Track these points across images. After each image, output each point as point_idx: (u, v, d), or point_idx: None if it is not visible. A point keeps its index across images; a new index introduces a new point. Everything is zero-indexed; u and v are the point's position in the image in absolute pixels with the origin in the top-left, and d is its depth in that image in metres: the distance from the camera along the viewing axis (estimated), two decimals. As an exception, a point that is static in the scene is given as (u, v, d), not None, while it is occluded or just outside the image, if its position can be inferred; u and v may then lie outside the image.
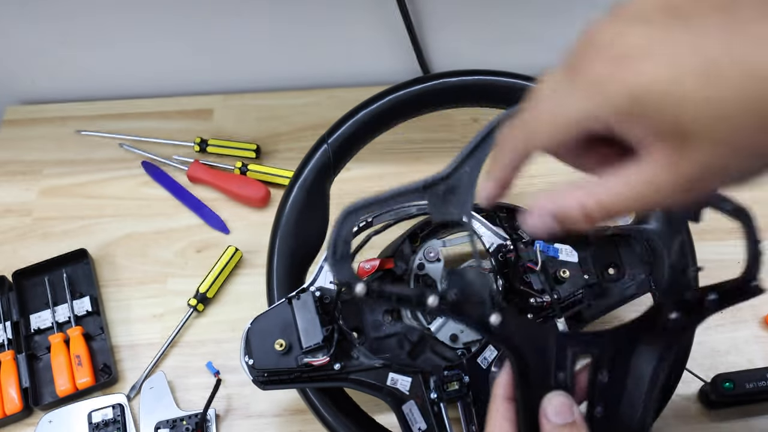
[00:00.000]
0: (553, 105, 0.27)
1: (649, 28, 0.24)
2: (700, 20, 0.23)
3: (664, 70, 0.23)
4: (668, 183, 0.25)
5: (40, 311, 0.71)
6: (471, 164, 0.36)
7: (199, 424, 0.63)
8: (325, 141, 0.58)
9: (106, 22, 0.82)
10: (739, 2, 0.23)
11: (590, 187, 0.28)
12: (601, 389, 0.37)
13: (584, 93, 0.26)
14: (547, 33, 0.87)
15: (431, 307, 0.34)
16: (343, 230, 0.35)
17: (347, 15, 0.82)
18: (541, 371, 0.36)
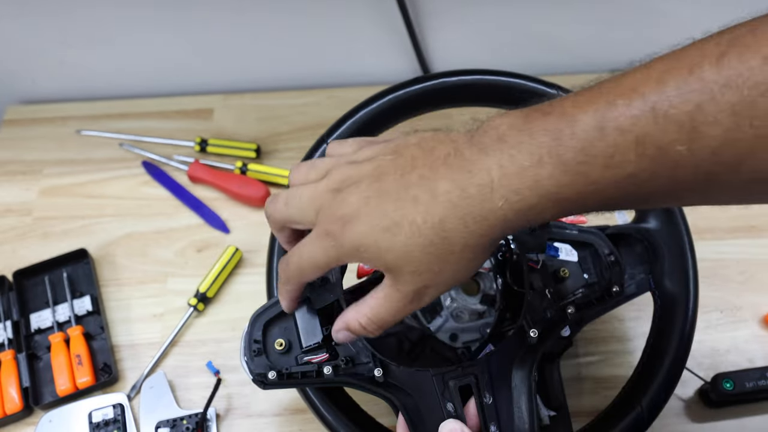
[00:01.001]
0: (309, 252, 0.38)
1: (359, 196, 0.35)
2: (389, 189, 0.35)
3: (366, 229, 0.34)
4: (398, 298, 0.36)
5: (41, 311, 0.71)
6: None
7: (200, 424, 0.63)
8: (324, 141, 0.58)
9: (106, 22, 0.82)
10: (408, 177, 0.34)
11: (360, 307, 0.38)
12: (490, 410, 0.43)
13: (326, 243, 0.36)
14: (546, 32, 0.87)
15: (328, 377, 0.44)
16: (253, 332, 0.45)
17: (347, 15, 0.82)
18: (430, 407, 0.42)
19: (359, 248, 0.35)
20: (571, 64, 0.92)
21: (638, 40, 0.90)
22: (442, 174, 0.33)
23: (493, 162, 0.32)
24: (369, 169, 0.36)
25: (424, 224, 0.33)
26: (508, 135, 0.32)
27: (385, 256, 0.34)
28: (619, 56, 0.98)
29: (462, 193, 0.32)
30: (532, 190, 0.31)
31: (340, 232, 0.35)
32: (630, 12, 0.85)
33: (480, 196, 0.32)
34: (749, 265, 0.73)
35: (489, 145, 0.33)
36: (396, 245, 0.34)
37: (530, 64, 0.91)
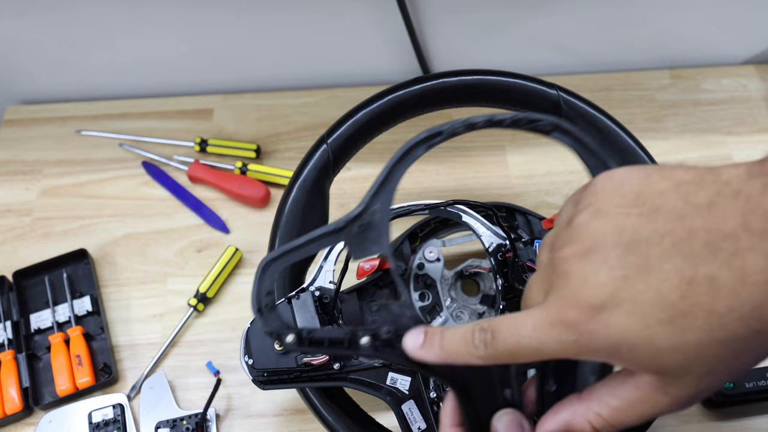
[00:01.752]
0: (535, 337, 0.29)
1: (609, 270, 0.27)
2: (656, 262, 0.26)
3: (634, 322, 0.26)
4: (664, 404, 0.28)
5: (40, 311, 0.71)
6: (381, 200, 0.37)
7: (200, 424, 0.63)
8: (324, 141, 0.58)
9: (106, 22, 0.82)
10: (692, 241, 0.25)
11: (593, 405, 0.30)
12: (551, 399, 0.37)
13: (562, 335, 0.28)
14: (547, 32, 0.87)
15: (364, 347, 0.35)
16: (264, 283, 0.36)
17: (347, 15, 0.82)
18: (485, 392, 0.36)
19: (620, 347, 0.27)
20: (571, 64, 0.92)
21: (638, 40, 0.90)
22: (743, 242, 0.24)
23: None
24: (608, 230, 0.27)
25: (729, 314, 0.24)
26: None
27: (664, 357, 0.26)
28: (619, 56, 0.99)
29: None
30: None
31: (587, 323, 0.27)
32: (630, 12, 0.85)
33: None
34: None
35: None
36: (685, 344, 0.25)
37: (530, 65, 0.91)
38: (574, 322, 0.27)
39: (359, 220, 0.36)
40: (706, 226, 0.25)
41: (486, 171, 0.82)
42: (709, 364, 0.26)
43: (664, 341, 0.26)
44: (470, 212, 0.57)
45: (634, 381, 0.29)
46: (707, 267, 0.25)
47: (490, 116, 0.36)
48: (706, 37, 0.89)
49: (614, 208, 0.28)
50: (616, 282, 0.26)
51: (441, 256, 0.61)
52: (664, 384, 0.28)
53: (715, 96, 0.89)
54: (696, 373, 0.26)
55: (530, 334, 0.29)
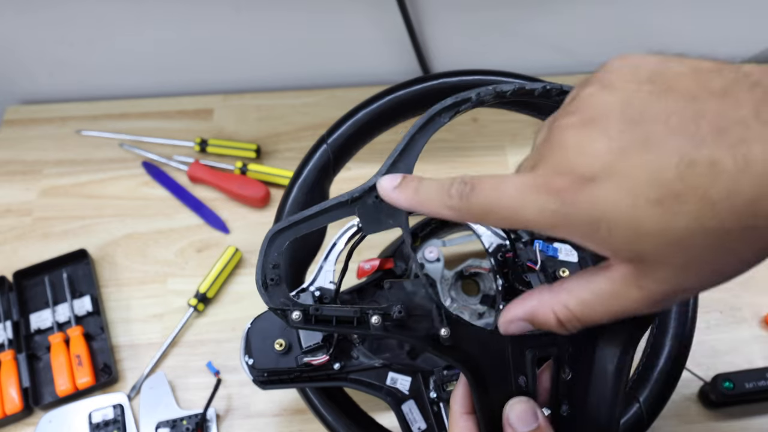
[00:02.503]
0: (514, 198, 0.27)
1: (608, 141, 0.25)
2: (658, 138, 0.24)
3: (621, 196, 0.24)
4: (635, 299, 0.26)
5: (41, 311, 0.71)
6: (400, 170, 0.34)
7: (200, 424, 0.63)
8: (324, 141, 0.58)
9: (106, 22, 0.82)
10: (699, 123, 0.23)
11: (561, 296, 0.29)
12: (565, 387, 0.35)
13: (544, 201, 0.26)
14: (547, 32, 0.87)
15: (375, 326, 0.32)
16: (270, 254, 0.33)
17: (347, 15, 0.82)
18: (499, 378, 0.34)
19: (599, 224, 0.25)
20: (571, 64, 0.92)
21: (638, 40, 0.90)
22: (753, 131, 0.22)
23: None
24: (616, 101, 0.26)
25: (723, 202, 0.23)
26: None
27: (645, 241, 0.24)
28: (619, 56, 0.98)
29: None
30: None
31: (574, 192, 0.25)
32: (630, 12, 0.85)
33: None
34: (749, 266, 0.73)
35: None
36: (671, 228, 0.23)
37: (530, 65, 0.91)
38: (560, 189, 0.25)
39: (375, 190, 0.33)
40: (716, 109, 0.23)
41: (486, 171, 0.82)
42: (690, 255, 0.24)
43: (648, 222, 0.24)
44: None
45: (606, 273, 0.27)
46: (710, 150, 0.23)
47: (521, 84, 0.34)
48: (706, 37, 0.89)
49: (624, 83, 0.26)
50: (613, 154, 0.24)
51: (441, 256, 0.61)
52: (639, 275, 0.26)
53: (715, 96, 0.89)
54: (675, 264, 0.25)
55: (511, 194, 0.27)
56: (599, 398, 0.34)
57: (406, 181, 0.32)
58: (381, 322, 0.32)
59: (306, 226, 0.34)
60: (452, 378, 0.53)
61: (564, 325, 0.29)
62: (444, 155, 0.83)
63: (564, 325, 0.29)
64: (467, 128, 0.86)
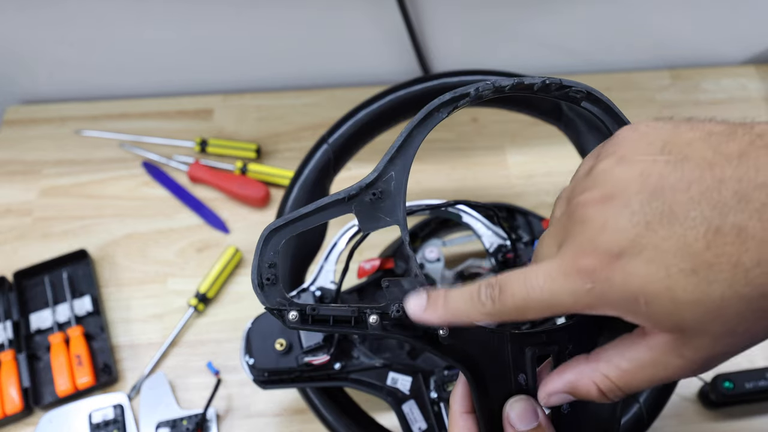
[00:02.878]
0: (547, 288, 0.27)
1: (631, 216, 0.25)
2: (682, 209, 0.24)
3: (654, 270, 0.24)
4: (677, 367, 0.26)
5: (41, 311, 0.71)
6: (398, 167, 0.34)
7: (200, 424, 0.63)
8: (325, 141, 0.58)
9: (106, 22, 0.82)
10: (721, 190, 0.24)
11: (601, 366, 0.28)
12: None
13: (577, 284, 0.26)
14: (547, 32, 0.87)
15: (373, 326, 0.32)
16: (266, 253, 0.33)
17: (347, 15, 0.82)
18: (498, 377, 0.34)
19: (637, 298, 0.25)
20: (571, 64, 0.92)
21: (638, 40, 0.90)
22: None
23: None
24: (634, 174, 0.26)
25: (756, 268, 0.23)
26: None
27: (683, 311, 0.24)
28: (619, 56, 0.99)
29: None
30: None
31: (605, 271, 0.25)
32: (630, 12, 0.85)
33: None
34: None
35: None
36: (707, 297, 0.24)
37: (530, 65, 0.91)
38: (591, 270, 0.25)
39: (372, 187, 0.33)
40: (736, 175, 0.24)
41: (486, 171, 0.82)
42: (730, 323, 0.24)
43: (685, 293, 0.24)
44: (471, 212, 0.57)
45: (646, 341, 0.27)
46: (736, 217, 0.23)
47: (520, 79, 0.34)
48: (706, 37, 0.89)
49: (639, 155, 0.26)
50: (638, 228, 0.25)
51: (441, 256, 0.61)
52: (680, 344, 0.26)
53: (715, 96, 0.89)
54: (714, 332, 0.25)
55: (541, 286, 0.27)
56: None
57: (432, 299, 0.31)
58: (379, 322, 0.32)
59: (302, 224, 0.33)
60: (453, 378, 0.53)
61: (606, 395, 0.29)
62: (444, 155, 0.83)
63: (606, 395, 0.29)
64: (467, 128, 0.86)
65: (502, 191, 0.80)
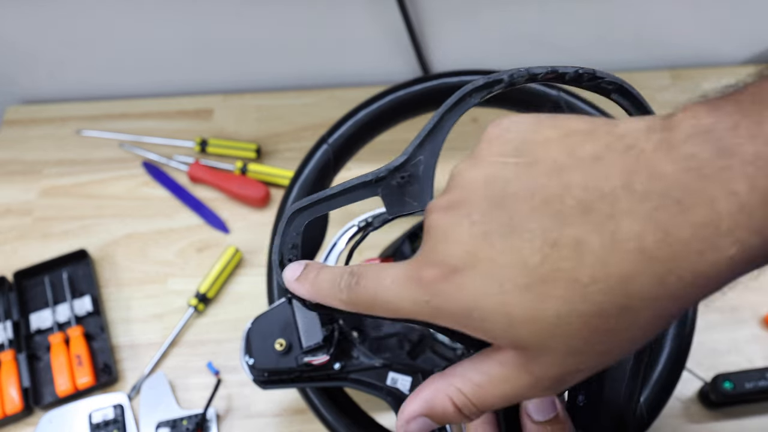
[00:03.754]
0: (388, 289, 0.26)
1: (470, 227, 0.23)
2: (520, 219, 0.23)
3: (487, 284, 0.23)
4: (528, 384, 0.25)
5: (41, 311, 0.71)
6: (427, 151, 0.33)
7: (200, 424, 0.63)
8: (325, 141, 0.58)
9: (106, 22, 0.82)
10: (564, 198, 0.22)
11: (455, 380, 0.27)
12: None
13: (416, 294, 0.25)
14: (547, 32, 0.87)
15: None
16: (288, 233, 0.32)
17: (347, 15, 0.82)
18: None
19: (471, 313, 0.23)
20: (571, 64, 0.92)
21: (638, 40, 0.90)
22: (622, 204, 0.21)
23: (717, 188, 0.20)
24: (479, 178, 0.25)
25: (593, 284, 0.21)
26: (734, 143, 0.20)
27: (519, 329, 0.23)
28: (619, 56, 0.99)
29: (665, 238, 0.20)
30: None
31: (441, 283, 0.24)
32: (630, 12, 0.85)
33: (698, 242, 0.20)
34: (749, 266, 0.73)
35: (704, 160, 0.20)
36: (542, 314, 0.22)
37: (530, 65, 0.91)
38: (429, 282, 0.24)
39: (400, 171, 0.32)
40: (583, 182, 0.22)
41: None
42: (570, 342, 0.22)
43: (519, 310, 0.22)
44: None
45: (497, 356, 0.25)
46: (575, 229, 0.21)
47: (554, 67, 0.33)
48: (706, 37, 0.89)
49: (491, 156, 0.25)
50: (476, 240, 0.23)
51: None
52: (526, 361, 0.24)
53: (715, 96, 0.89)
54: (556, 350, 0.23)
55: (388, 286, 0.26)
56: (617, 387, 0.33)
57: (306, 272, 0.30)
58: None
59: (327, 206, 0.32)
60: None
61: (461, 411, 0.27)
62: (444, 155, 0.82)
63: (461, 410, 0.26)
64: (467, 128, 0.85)
65: (502, 191, 0.80)
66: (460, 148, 0.96)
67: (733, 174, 0.20)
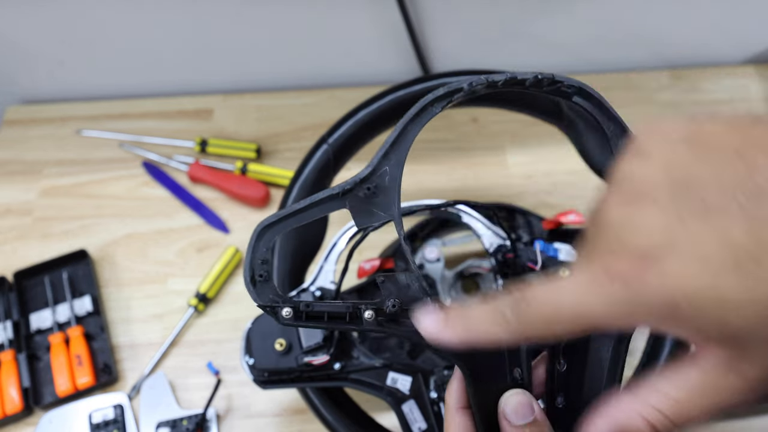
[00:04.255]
0: (574, 297, 0.24)
1: (660, 212, 0.23)
2: (714, 200, 0.22)
3: (694, 268, 0.21)
4: (736, 388, 0.23)
5: (41, 311, 0.71)
6: (392, 161, 0.33)
7: (200, 424, 0.63)
8: (325, 141, 0.58)
9: (106, 22, 0.82)
10: (754, 177, 0.21)
11: (650, 398, 0.25)
12: (560, 379, 0.34)
13: (608, 290, 0.23)
14: (547, 32, 0.87)
15: (368, 321, 0.31)
16: (258, 250, 0.32)
17: (347, 15, 0.82)
18: (494, 371, 0.33)
19: (679, 303, 0.22)
20: (572, 64, 0.92)
21: (638, 40, 0.90)
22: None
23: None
24: (657, 168, 0.24)
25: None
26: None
27: (733, 314, 0.21)
28: (619, 56, 0.99)
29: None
30: None
31: (640, 275, 0.22)
32: (630, 13, 0.85)
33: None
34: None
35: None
36: (756, 295, 0.21)
37: (530, 65, 0.91)
38: (623, 275, 0.23)
39: (366, 182, 0.33)
40: (763, 161, 0.21)
41: (486, 171, 0.82)
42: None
43: (732, 291, 0.21)
44: (471, 212, 0.57)
45: (697, 364, 0.23)
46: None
47: (513, 74, 0.33)
48: (706, 37, 0.89)
49: (660, 148, 0.24)
50: (671, 224, 0.22)
51: (441, 256, 0.61)
52: (736, 359, 0.22)
53: (715, 96, 0.89)
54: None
55: (571, 297, 0.24)
56: (595, 389, 0.33)
57: (450, 317, 0.28)
58: (374, 317, 0.32)
59: (295, 220, 0.33)
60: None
61: (664, 428, 0.25)
62: (444, 155, 0.83)
63: (658, 430, 0.25)
64: (467, 128, 0.86)
65: (502, 191, 0.80)
66: (462, 149, 0.96)
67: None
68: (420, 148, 0.87)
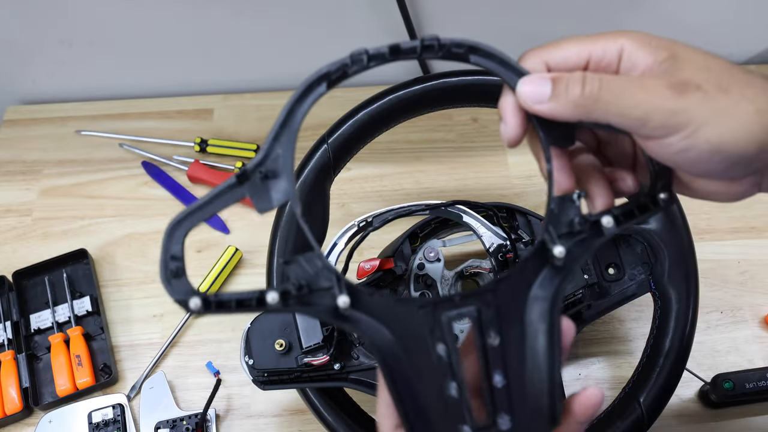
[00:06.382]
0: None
1: (708, 81, 0.34)
2: (730, 84, 0.34)
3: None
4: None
5: (40, 311, 0.71)
6: (283, 144, 0.35)
7: (199, 424, 0.63)
8: (325, 141, 0.58)
9: (106, 22, 0.82)
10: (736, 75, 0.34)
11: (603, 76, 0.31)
12: (495, 354, 0.32)
13: (679, 99, 0.32)
14: (547, 32, 0.87)
15: (273, 305, 0.31)
16: (170, 246, 0.33)
17: (347, 15, 0.82)
18: (414, 349, 0.32)
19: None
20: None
21: (638, 40, 0.90)
22: (749, 89, 0.34)
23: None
24: (699, 59, 0.37)
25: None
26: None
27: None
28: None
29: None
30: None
31: (715, 90, 0.33)
32: (629, 13, 0.84)
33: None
34: (749, 266, 0.73)
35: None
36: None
37: (530, 65, 0.90)
38: (696, 84, 0.32)
39: (260, 167, 0.34)
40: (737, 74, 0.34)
41: (486, 171, 0.82)
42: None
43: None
44: (471, 213, 0.57)
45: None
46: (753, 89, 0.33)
47: (395, 44, 0.36)
48: (707, 37, 0.89)
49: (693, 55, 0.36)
50: (718, 85, 0.33)
51: (441, 256, 0.61)
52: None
53: (716, 96, 0.89)
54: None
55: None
56: (534, 359, 0.32)
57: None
58: (278, 300, 0.31)
59: (201, 215, 0.33)
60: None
61: (582, 103, 0.31)
62: (444, 155, 0.82)
63: (583, 100, 0.31)
64: (468, 128, 0.86)
65: (503, 191, 0.80)
66: (462, 148, 0.96)
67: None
68: (420, 148, 0.87)
